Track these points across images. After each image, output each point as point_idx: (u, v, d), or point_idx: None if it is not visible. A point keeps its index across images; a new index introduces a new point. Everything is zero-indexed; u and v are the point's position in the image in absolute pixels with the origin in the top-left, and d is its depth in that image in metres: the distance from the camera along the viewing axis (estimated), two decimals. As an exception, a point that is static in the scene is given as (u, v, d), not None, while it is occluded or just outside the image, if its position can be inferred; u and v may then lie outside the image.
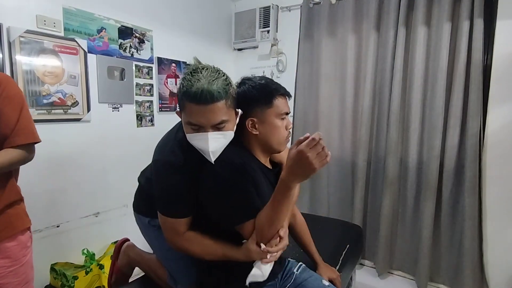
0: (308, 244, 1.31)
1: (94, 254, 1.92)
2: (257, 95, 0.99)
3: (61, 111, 1.79)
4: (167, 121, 2.44)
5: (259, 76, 1.06)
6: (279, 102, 1.00)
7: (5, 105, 1.03)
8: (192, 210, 1.00)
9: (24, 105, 1.09)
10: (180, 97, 0.91)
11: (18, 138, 1.05)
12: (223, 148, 0.95)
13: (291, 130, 1.08)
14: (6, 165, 1.02)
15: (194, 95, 0.85)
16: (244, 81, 1.04)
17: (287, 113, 1.03)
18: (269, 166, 1.07)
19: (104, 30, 1.97)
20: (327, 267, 1.32)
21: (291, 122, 1.08)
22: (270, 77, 2.81)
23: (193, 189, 0.97)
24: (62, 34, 1.77)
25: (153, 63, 2.30)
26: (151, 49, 2.28)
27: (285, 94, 1.03)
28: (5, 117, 1.04)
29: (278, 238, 0.94)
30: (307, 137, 0.79)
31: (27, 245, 1.15)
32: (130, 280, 1.47)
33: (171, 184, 0.97)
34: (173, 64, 2.46)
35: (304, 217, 1.36)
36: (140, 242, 1.38)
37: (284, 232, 0.95)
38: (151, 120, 2.32)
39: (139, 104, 2.24)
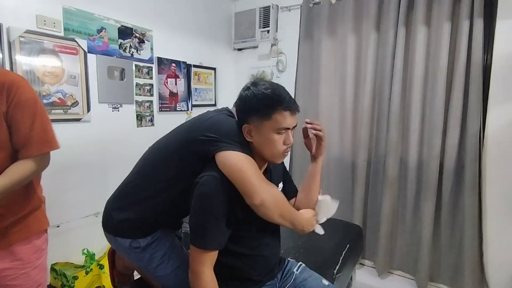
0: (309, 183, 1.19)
1: (94, 254, 1.92)
2: (256, 105, 0.94)
3: (61, 111, 1.79)
4: (167, 121, 2.46)
5: (269, 82, 1.00)
6: (279, 116, 0.93)
7: (16, 112, 0.95)
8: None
9: (37, 111, 1.00)
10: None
11: (31, 149, 0.99)
12: None
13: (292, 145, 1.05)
14: (16, 183, 0.96)
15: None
16: (249, 86, 1.00)
17: (288, 128, 0.96)
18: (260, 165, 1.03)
19: (104, 30, 1.97)
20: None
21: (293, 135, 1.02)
22: (270, 77, 2.81)
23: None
24: (62, 34, 1.77)
25: (153, 63, 2.30)
26: (151, 49, 2.28)
27: (288, 108, 0.94)
28: (17, 126, 0.96)
29: None
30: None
31: (42, 247, 1.10)
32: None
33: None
34: (173, 64, 2.46)
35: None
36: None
37: None
38: (151, 120, 2.32)
39: (139, 104, 2.24)
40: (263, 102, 0.94)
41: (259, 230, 1.05)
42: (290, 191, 1.19)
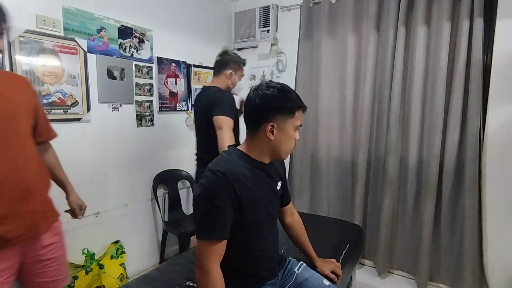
0: (305, 243, 1.32)
1: (94, 254, 1.92)
2: (284, 103, 1.01)
3: (61, 111, 1.78)
4: (167, 121, 2.45)
5: (279, 83, 1.06)
6: (299, 114, 1.04)
7: (39, 104, 1.17)
8: None
9: None
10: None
11: (51, 132, 1.26)
12: None
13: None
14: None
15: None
16: (271, 85, 1.04)
17: (300, 126, 1.08)
18: (266, 162, 1.08)
19: (104, 30, 1.97)
20: (326, 261, 1.34)
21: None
22: (270, 77, 2.82)
23: None
24: (62, 34, 1.76)
25: (153, 63, 2.30)
26: (151, 49, 2.28)
27: (305, 108, 1.08)
28: (42, 115, 1.18)
29: None
30: None
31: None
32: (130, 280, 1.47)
33: None
34: (173, 64, 2.46)
35: (304, 217, 1.36)
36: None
37: None
38: (151, 120, 2.32)
39: (139, 104, 2.23)
40: (290, 100, 1.02)
41: (256, 224, 1.06)
42: (283, 199, 1.24)
